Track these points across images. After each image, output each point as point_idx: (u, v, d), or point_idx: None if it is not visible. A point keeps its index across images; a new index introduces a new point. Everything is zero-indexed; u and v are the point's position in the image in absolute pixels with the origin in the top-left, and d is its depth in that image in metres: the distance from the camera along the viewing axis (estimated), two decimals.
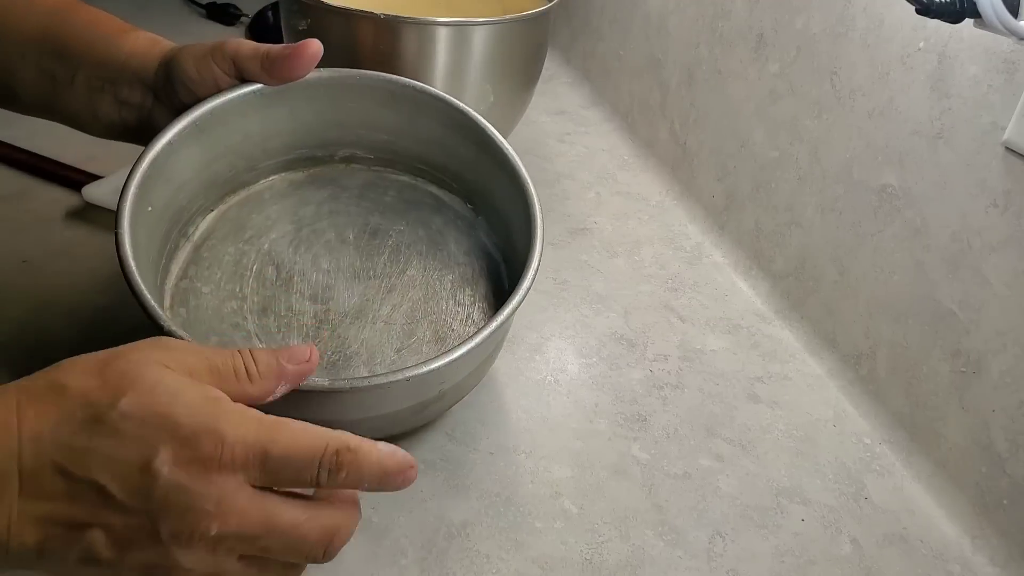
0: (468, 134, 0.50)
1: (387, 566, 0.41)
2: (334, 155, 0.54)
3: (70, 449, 0.30)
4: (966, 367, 0.48)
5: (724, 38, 0.71)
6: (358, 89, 0.50)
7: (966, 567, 0.45)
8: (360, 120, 0.52)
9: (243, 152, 0.51)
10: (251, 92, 0.48)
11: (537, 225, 0.46)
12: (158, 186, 0.46)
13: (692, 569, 0.43)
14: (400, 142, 0.53)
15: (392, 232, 0.52)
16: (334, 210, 0.53)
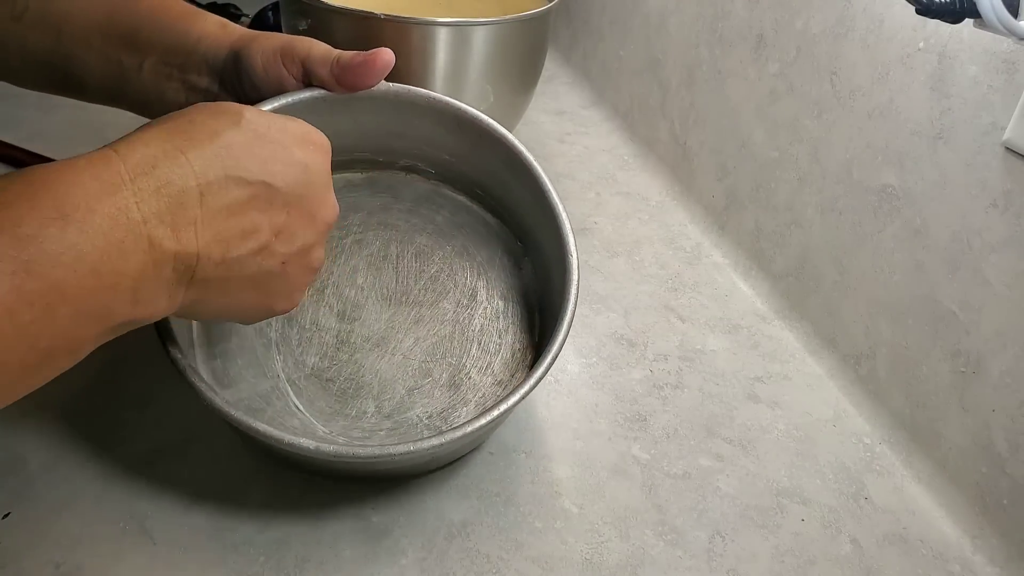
0: (525, 179, 0.48)
1: (387, 566, 0.41)
2: (396, 162, 0.53)
3: (234, 156, 0.33)
4: (966, 367, 0.48)
5: (724, 38, 0.71)
6: (425, 110, 0.48)
7: (966, 567, 0.45)
8: (424, 137, 0.50)
9: None
10: (315, 98, 0.46)
11: (568, 309, 0.43)
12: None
13: (692, 569, 0.43)
14: (461, 165, 0.52)
15: (435, 257, 0.51)
16: (383, 222, 0.52)
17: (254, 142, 0.34)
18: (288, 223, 0.35)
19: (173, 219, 0.31)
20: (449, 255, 0.51)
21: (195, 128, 0.33)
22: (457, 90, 0.63)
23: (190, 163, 0.32)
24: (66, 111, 0.79)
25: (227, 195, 0.33)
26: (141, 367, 0.51)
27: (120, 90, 0.51)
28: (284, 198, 0.35)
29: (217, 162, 0.33)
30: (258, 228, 0.34)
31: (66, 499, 0.43)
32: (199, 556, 0.41)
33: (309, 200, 0.36)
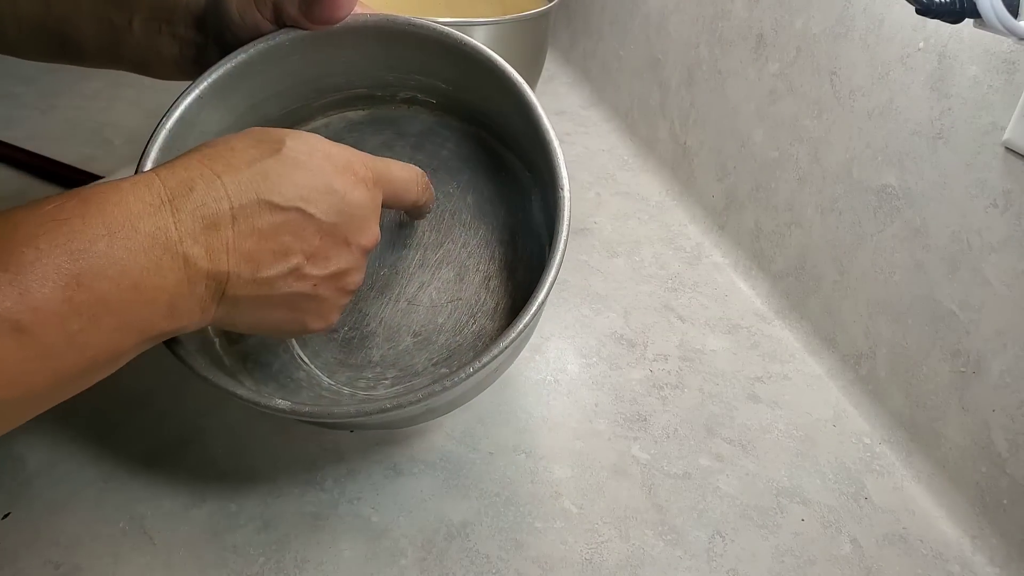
0: (519, 107, 0.45)
1: (387, 566, 0.41)
2: (395, 95, 0.50)
3: (269, 182, 0.34)
4: (966, 367, 0.48)
5: (724, 38, 0.71)
6: (409, 38, 0.45)
7: (966, 567, 0.45)
8: (416, 67, 0.48)
9: (293, 94, 0.49)
10: (293, 39, 0.45)
11: (560, 240, 0.40)
12: (191, 139, 0.44)
13: (692, 569, 0.43)
14: (460, 93, 0.49)
15: (440, 194, 0.48)
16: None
17: (292, 169, 0.35)
18: (321, 248, 0.36)
19: (207, 239, 0.32)
20: (455, 192, 0.49)
21: (235, 155, 0.35)
22: None
23: (225, 187, 0.33)
24: (65, 111, 0.79)
25: (260, 219, 0.34)
26: (141, 367, 0.51)
27: (116, 50, 0.50)
28: (318, 224, 0.35)
29: (251, 187, 0.34)
30: (289, 251, 0.35)
31: (65, 499, 0.43)
32: (199, 556, 0.41)
33: (345, 227, 0.37)
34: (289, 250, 0.35)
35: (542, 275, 0.40)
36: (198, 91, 0.44)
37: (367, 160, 0.39)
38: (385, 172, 0.40)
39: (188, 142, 0.43)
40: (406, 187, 0.42)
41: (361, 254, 0.39)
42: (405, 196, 0.42)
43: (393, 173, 0.41)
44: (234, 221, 0.33)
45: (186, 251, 0.32)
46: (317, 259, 0.36)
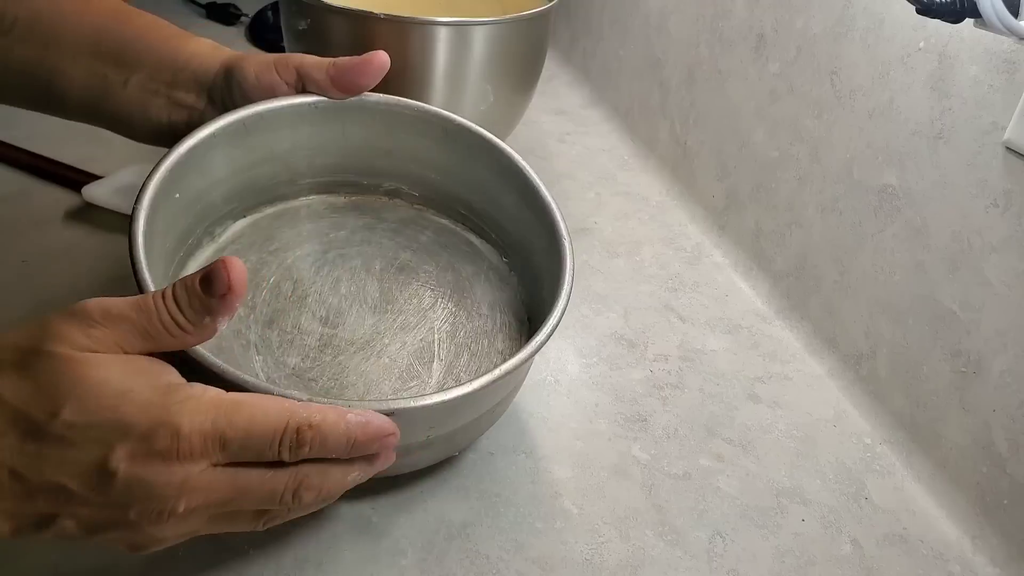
0: (513, 180, 0.49)
1: (387, 567, 0.41)
2: (379, 186, 0.53)
3: (23, 457, 0.30)
4: (966, 367, 0.48)
5: (724, 38, 0.71)
6: (413, 121, 0.49)
7: (966, 567, 0.45)
8: (411, 154, 0.51)
9: (287, 163, 0.51)
10: (306, 104, 0.47)
11: (564, 282, 0.43)
12: (191, 176, 0.45)
13: (692, 569, 0.43)
14: (447, 183, 0.52)
15: (420, 272, 0.50)
16: (366, 239, 0.52)
17: (56, 443, 0.30)
18: (92, 517, 0.31)
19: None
20: (434, 271, 0.51)
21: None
22: (457, 90, 0.63)
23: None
24: None
25: (10, 487, 0.30)
26: None
27: (101, 106, 0.50)
28: (83, 498, 0.31)
29: (5, 454, 0.30)
30: (51, 516, 0.31)
31: None
32: (198, 557, 0.41)
33: (119, 503, 0.31)
34: (50, 515, 0.31)
35: (555, 300, 0.42)
36: (212, 129, 0.45)
37: (203, 417, 0.31)
38: (228, 430, 0.31)
39: (189, 176, 0.44)
40: (260, 445, 0.32)
41: (149, 526, 0.32)
42: (259, 455, 0.33)
43: (239, 427, 0.32)
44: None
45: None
46: (87, 526, 0.32)
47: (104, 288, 0.57)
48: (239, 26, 1.07)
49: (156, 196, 0.41)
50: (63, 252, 0.60)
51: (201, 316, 0.33)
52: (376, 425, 0.34)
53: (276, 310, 0.46)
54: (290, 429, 0.32)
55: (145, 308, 0.32)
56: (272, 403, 0.33)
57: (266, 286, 0.47)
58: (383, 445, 0.35)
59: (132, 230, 0.39)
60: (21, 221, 0.63)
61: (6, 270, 0.58)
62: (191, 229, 0.47)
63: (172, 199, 0.43)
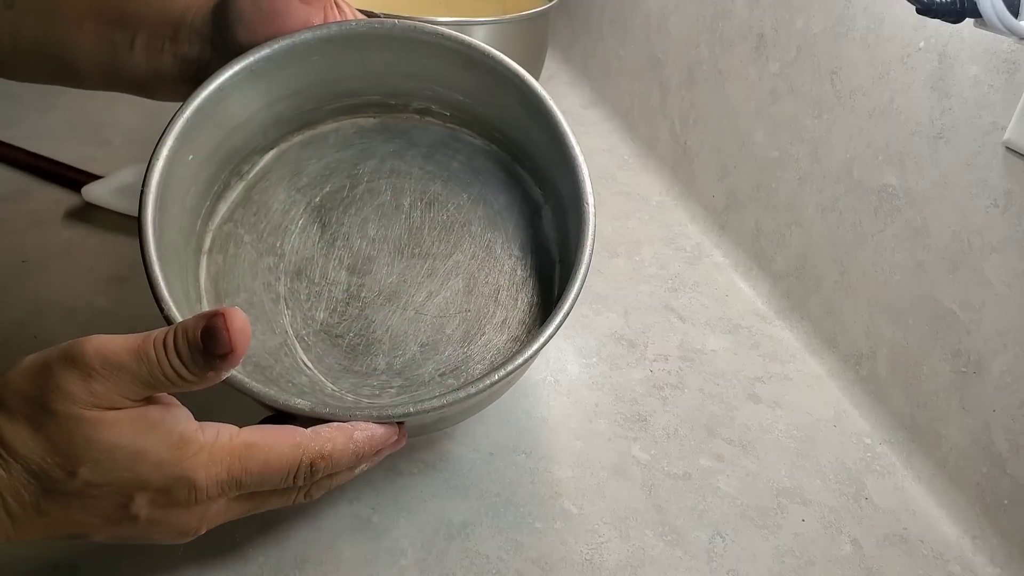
0: (541, 121, 0.45)
1: (387, 566, 0.41)
2: (408, 105, 0.50)
3: (47, 501, 0.31)
4: (966, 367, 0.48)
5: (724, 38, 0.71)
6: (434, 48, 0.46)
7: (966, 567, 0.45)
8: (436, 77, 0.48)
9: (308, 94, 0.48)
10: (315, 37, 0.44)
11: (584, 261, 0.41)
12: (206, 131, 0.44)
13: (692, 569, 0.43)
14: (477, 107, 0.48)
15: (450, 205, 0.48)
16: (395, 169, 0.49)
17: (77, 498, 0.31)
18: (117, 535, 0.33)
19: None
20: (465, 204, 0.48)
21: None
22: None
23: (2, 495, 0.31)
24: (64, 111, 0.79)
25: (41, 526, 0.32)
26: None
27: (115, 71, 0.49)
28: (108, 532, 0.33)
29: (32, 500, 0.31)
30: (76, 536, 0.33)
31: None
32: (198, 556, 0.41)
33: (143, 534, 0.33)
34: (75, 536, 0.33)
35: (564, 291, 0.40)
36: (218, 82, 0.43)
37: (218, 469, 0.33)
38: (244, 476, 0.33)
39: (203, 133, 0.43)
40: (275, 482, 0.34)
41: (173, 540, 0.34)
42: (275, 489, 0.35)
43: (253, 471, 0.34)
44: (12, 525, 0.31)
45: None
46: (112, 537, 0.33)
47: (104, 288, 0.57)
48: None
49: (165, 171, 0.40)
50: (63, 252, 0.60)
51: (204, 371, 0.32)
52: (380, 435, 0.36)
53: (304, 258, 0.46)
54: (303, 465, 0.34)
55: (146, 358, 0.31)
56: (283, 440, 0.34)
57: (294, 230, 0.46)
58: (390, 448, 0.38)
59: (142, 226, 0.38)
60: (21, 221, 0.63)
61: (6, 270, 0.58)
62: (215, 175, 0.46)
63: (185, 163, 0.42)
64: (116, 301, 0.56)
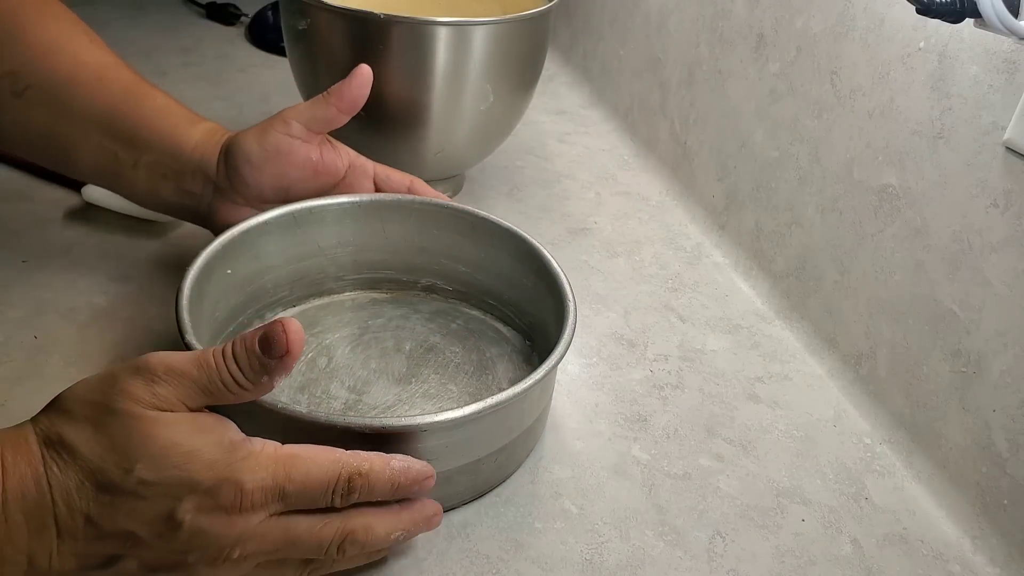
0: (530, 261, 0.52)
1: (387, 566, 0.41)
2: (417, 282, 0.58)
3: (98, 505, 0.32)
4: (966, 367, 0.48)
5: (724, 38, 0.71)
6: (445, 216, 0.54)
7: (966, 567, 0.45)
8: (444, 248, 0.56)
9: (334, 258, 0.55)
10: (349, 202, 0.53)
11: (569, 318, 0.46)
12: (244, 257, 0.50)
13: (692, 569, 0.43)
14: (476, 276, 0.56)
15: (447, 351, 0.53)
16: (401, 325, 0.55)
17: (130, 495, 0.32)
18: (154, 560, 0.33)
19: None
20: (460, 350, 0.54)
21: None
22: (457, 90, 0.63)
23: (53, 499, 0.32)
24: None
25: (84, 532, 0.32)
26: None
27: (113, 179, 0.53)
28: (148, 544, 0.33)
29: (81, 503, 0.32)
30: (116, 557, 0.33)
31: None
32: None
33: (181, 550, 0.33)
34: (115, 556, 0.33)
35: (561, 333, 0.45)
36: (265, 218, 0.50)
37: (264, 473, 0.33)
38: (287, 484, 0.34)
39: (243, 256, 0.50)
40: (315, 494, 0.35)
41: (204, 568, 0.34)
42: (313, 503, 0.35)
43: (296, 479, 0.34)
44: (59, 533, 0.32)
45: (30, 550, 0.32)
46: (148, 565, 0.34)
47: (103, 288, 0.57)
48: (239, 26, 1.07)
49: (206, 266, 0.46)
50: (63, 251, 0.60)
51: (259, 375, 0.34)
52: (416, 469, 0.37)
53: (309, 379, 0.50)
54: (342, 479, 0.35)
55: (206, 366, 0.34)
56: (324, 455, 0.35)
57: (304, 360, 0.51)
58: (422, 488, 0.37)
59: (179, 294, 0.43)
60: (21, 221, 0.63)
61: (6, 269, 0.58)
62: (243, 307, 0.52)
63: (224, 274, 0.48)
64: (116, 301, 0.56)
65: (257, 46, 1.02)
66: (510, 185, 0.78)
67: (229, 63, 0.97)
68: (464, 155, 0.70)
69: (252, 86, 0.92)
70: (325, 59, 0.63)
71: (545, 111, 0.94)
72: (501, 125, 0.70)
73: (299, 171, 0.52)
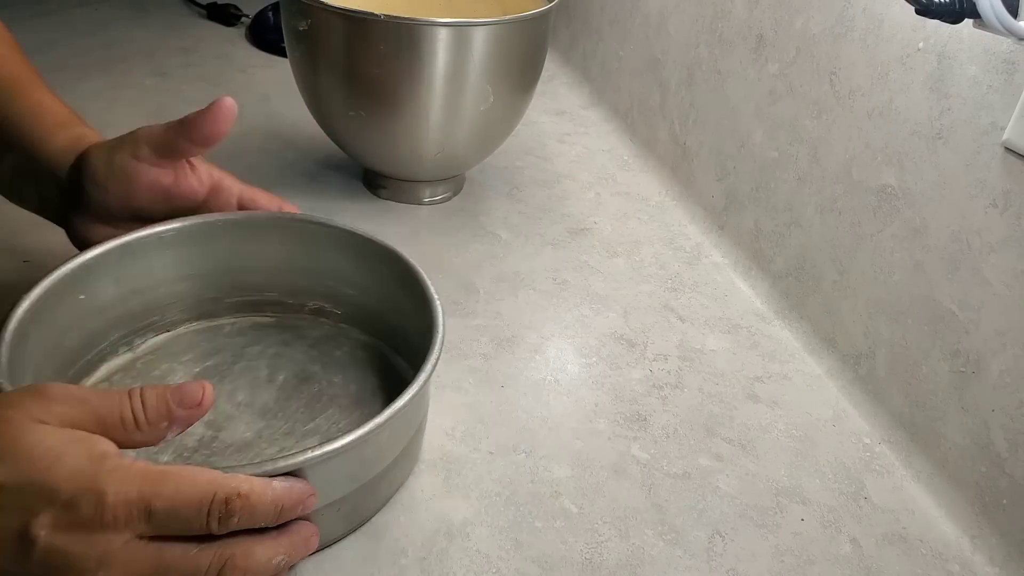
0: (411, 285, 0.48)
1: (387, 566, 0.41)
2: (304, 305, 0.54)
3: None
4: (965, 367, 0.48)
5: (724, 38, 0.71)
6: (324, 236, 0.51)
7: (965, 567, 0.45)
8: (329, 270, 0.52)
9: (211, 280, 0.52)
10: (224, 220, 0.49)
11: (438, 329, 0.43)
12: (104, 281, 0.46)
13: (692, 569, 0.43)
14: (363, 298, 0.52)
15: (324, 381, 0.50)
16: (280, 353, 0.52)
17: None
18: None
19: None
20: (339, 381, 0.50)
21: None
22: (457, 91, 0.63)
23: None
24: None
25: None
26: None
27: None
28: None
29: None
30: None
31: None
32: None
33: (36, 573, 0.31)
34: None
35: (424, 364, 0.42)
36: (125, 240, 0.46)
37: (129, 486, 0.31)
38: (155, 500, 0.31)
39: (100, 280, 0.46)
40: (187, 515, 0.32)
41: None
42: (187, 527, 0.32)
43: (165, 496, 0.32)
44: None
45: None
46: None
47: None
48: (240, 27, 1.07)
49: (53, 289, 0.43)
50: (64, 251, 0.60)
51: (160, 420, 0.33)
52: (299, 488, 0.35)
53: None
54: (218, 499, 0.32)
55: (108, 396, 0.33)
56: (200, 475, 0.32)
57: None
58: (306, 508, 0.35)
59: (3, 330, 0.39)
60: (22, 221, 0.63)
61: (6, 270, 0.58)
62: (104, 333, 0.48)
63: (76, 299, 0.45)
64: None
65: (257, 47, 1.02)
66: (510, 185, 0.78)
67: (229, 63, 0.97)
68: (464, 155, 0.70)
69: (252, 86, 0.92)
70: (325, 59, 0.63)
71: (545, 111, 0.94)
72: (501, 125, 0.70)
73: (148, 194, 0.47)
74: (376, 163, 0.71)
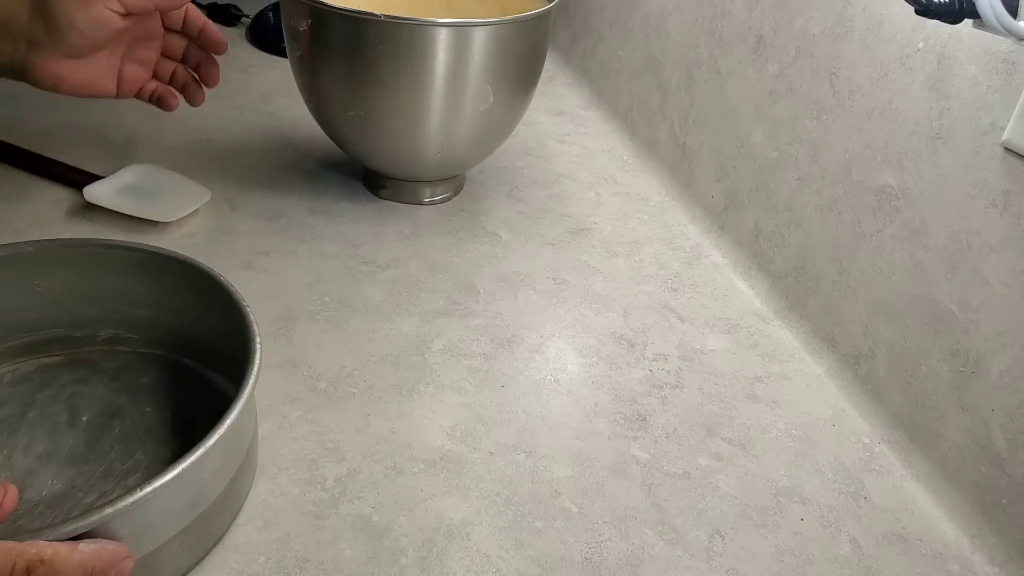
0: (215, 294, 0.45)
1: (387, 566, 0.41)
2: (96, 336, 0.49)
3: None
4: (965, 367, 0.48)
5: (724, 38, 0.71)
6: (106, 258, 0.47)
7: (965, 566, 0.45)
8: (117, 294, 0.48)
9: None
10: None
11: (254, 333, 0.41)
12: None
13: (691, 568, 0.43)
14: (160, 317, 0.49)
15: (135, 413, 0.46)
16: (77, 392, 0.47)
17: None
18: None
19: None
20: (151, 410, 0.47)
21: None
22: (457, 91, 0.63)
23: None
24: (66, 112, 0.79)
25: None
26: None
27: None
28: None
29: None
30: None
31: None
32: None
33: None
34: None
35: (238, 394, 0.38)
36: None
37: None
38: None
39: None
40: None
41: None
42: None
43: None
44: None
45: None
46: None
47: None
48: (240, 27, 1.07)
49: None
50: None
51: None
52: (110, 550, 0.33)
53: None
54: (18, 568, 0.30)
55: None
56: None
57: None
58: (121, 570, 0.33)
59: None
60: (22, 221, 0.63)
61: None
62: None
63: None
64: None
65: (258, 47, 1.02)
66: (510, 185, 0.78)
67: (230, 63, 0.97)
68: (464, 155, 0.70)
69: (252, 86, 0.92)
70: (325, 59, 0.63)
71: (545, 112, 0.94)
72: (501, 126, 0.70)
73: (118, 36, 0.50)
74: (376, 163, 0.71)
